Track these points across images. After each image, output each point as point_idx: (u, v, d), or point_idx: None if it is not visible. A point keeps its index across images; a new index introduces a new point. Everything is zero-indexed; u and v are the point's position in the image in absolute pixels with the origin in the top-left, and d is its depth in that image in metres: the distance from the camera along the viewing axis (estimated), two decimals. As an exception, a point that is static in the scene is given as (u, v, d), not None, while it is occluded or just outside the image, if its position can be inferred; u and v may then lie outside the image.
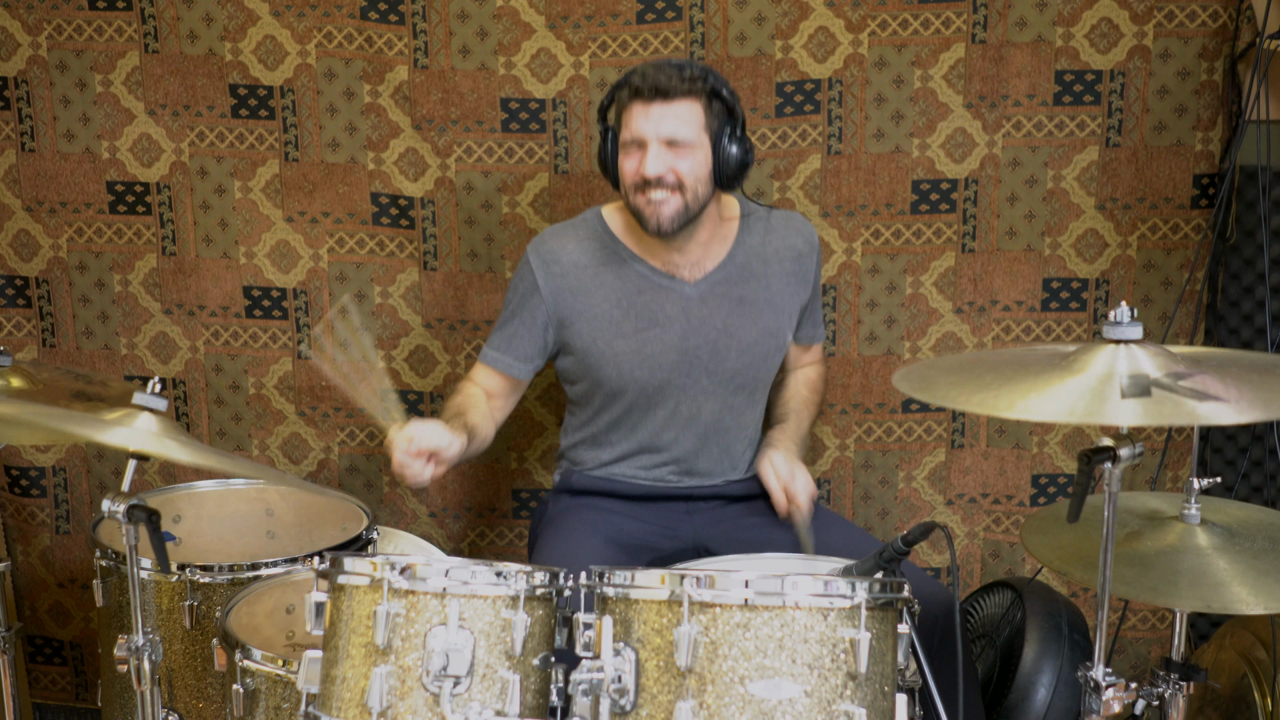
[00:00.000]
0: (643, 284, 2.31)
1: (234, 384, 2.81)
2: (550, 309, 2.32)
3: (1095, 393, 1.57)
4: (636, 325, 2.30)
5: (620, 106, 2.23)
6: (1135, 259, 2.64)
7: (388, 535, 2.55)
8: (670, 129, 2.18)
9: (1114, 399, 1.55)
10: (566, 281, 2.31)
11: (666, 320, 2.30)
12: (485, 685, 1.60)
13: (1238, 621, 2.40)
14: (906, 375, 1.77)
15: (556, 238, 2.35)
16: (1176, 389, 1.56)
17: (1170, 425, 2.64)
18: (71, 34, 2.68)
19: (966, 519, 2.76)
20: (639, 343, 2.30)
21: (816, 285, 2.45)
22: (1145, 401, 1.54)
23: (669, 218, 2.20)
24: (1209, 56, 2.53)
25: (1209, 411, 1.52)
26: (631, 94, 2.20)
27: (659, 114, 2.17)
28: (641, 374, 2.30)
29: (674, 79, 2.17)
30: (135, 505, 1.78)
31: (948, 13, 2.55)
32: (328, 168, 2.70)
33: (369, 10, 2.61)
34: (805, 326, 2.46)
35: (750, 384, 2.37)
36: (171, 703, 2.14)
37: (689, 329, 2.30)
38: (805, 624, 1.52)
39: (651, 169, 2.18)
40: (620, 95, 2.23)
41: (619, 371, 2.31)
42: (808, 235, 2.40)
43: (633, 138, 2.20)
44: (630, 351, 2.30)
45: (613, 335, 2.30)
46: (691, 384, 2.32)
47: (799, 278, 2.39)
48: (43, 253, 2.78)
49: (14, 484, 2.87)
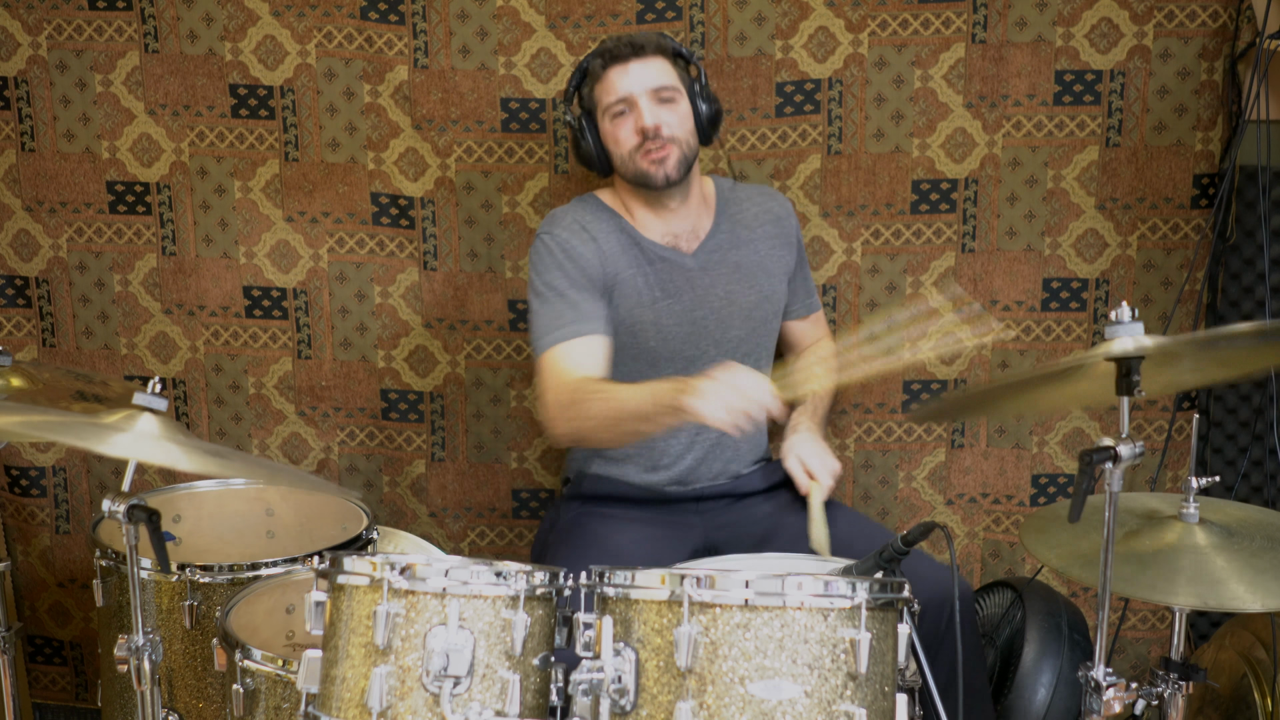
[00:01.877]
0: (651, 255, 2.33)
1: (234, 384, 2.81)
2: (595, 271, 2.28)
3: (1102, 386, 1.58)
4: (653, 296, 2.32)
5: (594, 79, 2.30)
6: (1135, 259, 2.64)
7: (388, 535, 2.55)
8: (654, 79, 2.25)
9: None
10: (601, 246, 2.31)
11: (676, 291, 2.33)
12: (485, 685, 1.60)
13: (1238, 621, 2.40)
14: (921, 412, 1.79)
15: (572, 213, 2.36)
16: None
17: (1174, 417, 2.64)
18: (71, 34, 2.67)
19: (966, 519, 2.76)
20: (655, 314, 2.32)
21: (802, 252, 2.50)
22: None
23: (674, 165, 2.26)
24: (1209, 56, 2.53)
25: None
26: (607, 60, 2.27)
27: (638, 70, 2.25)
28: (655, 344, 2.32)
29: (639, 38, 2.27)
30: (135, 505, 1.77)
31: (948, 13, 2.55)
32: (328, 168, 2.70)
33: (369, 10, 2.61)
34: (800, 296, 2.50)
35: (754, 351, 2.39)
36: (171, 703, 2.14)
37: (695, 300, 2.33)
38: (805, 624, 1.52)
39: (650, 119, 2.23)
40: (593, 67, 2.29)
41: (637, 342, 2.31)
42: (781, 200, 2.48)
43: (619, 98, 2.26)
44: (649, 323, 2.31)
45: (635, 304, 2.31)
46: (699, 354, 2.33)
47: (783, 240, 2.44)
48: (43, 253, 2.78)
49: (14, 484, 2.87)
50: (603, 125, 2.30)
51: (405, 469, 2.82)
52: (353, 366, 2.78)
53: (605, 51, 2.28)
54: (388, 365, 2.77)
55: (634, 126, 2.25)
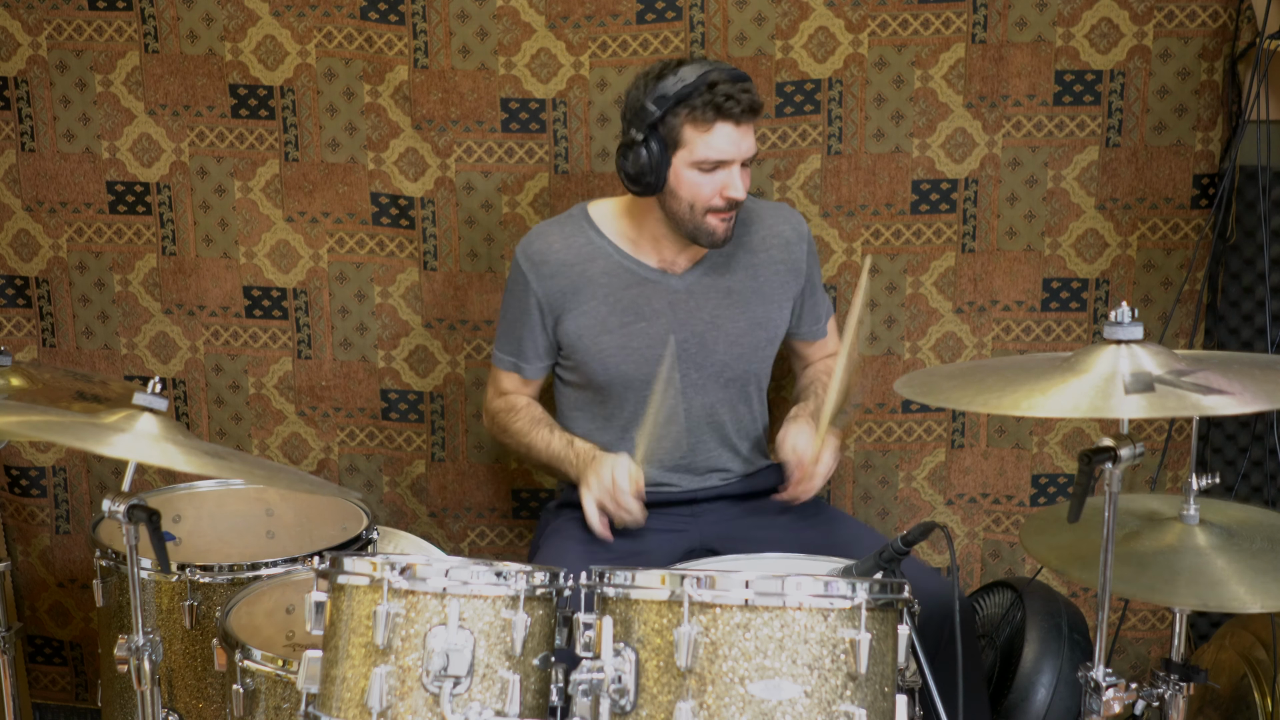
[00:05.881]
0: (629, 279, 2.31)
1: (234, 384, 2.81)
2: (546, 308, 2.33)
3: (1099, 390, 1.58)
4: (623, 320, 2.30)
5: (694, 122, 2.14)
6: (1135, 259, 2.64)
7: (388, 535, 2.55)
8: (751, 147, 2.18)
9: (1118, 395, 1.56)
10: (556, 281, 2.31)
11: (653, 314, 2.30)
12: (485, 685, 1.60)
13: (1238, 622, 2.40)
14: (909, 381, 1.79)
15: (542, 237, 2.35)
16: (1179, 384, 1.56)
17: (1174, 418, 2.64)
18: (71, 34, 2.67)
19: (966, 519, 2.76)
20: (624, 337, 2.30)
21: (814, 277, 2.44)
22: (1149, 396, 1.54)
23: (732, 228, 2.24)
24: (1209, 56, 2.53)
25: (1213, 403, 1.52)
26: (717, 113, 2.12)
27: (746, 135, 2.17)
28: (628, 368, 2.30)
29: (757, 100, 2.16)
30: (135, 505, 1.77)
31: (948, 13, 2.55)
32: (328, 168, 2.70)
33: (369, 10, 2.61)
34: (806, 321, 2.44)
35: (740, 377, 2.36)
36: (171, 703, 2.14)
37: (676, 322, 2.30)
38: (805, 624, 1.52)
39: (742, 192, 2.18)
40: (696, 113, 2.13)
41: (605, 367, 2.31)
42: (795, 224, 2.40)
43: (719, 158, 2.15)
44: (616, 347, 2.30)
45: (599, 331, 2.30)
46: (679, 378, 2.31)
47: (789, 266, 2.38)
48: (43, 253, 2.78)
49: (14, 484, 2.87)
50: (678, 164, 2.17)
51: (405, 469, 2.82)
52: (353, 366, 2.78)
53: (719, 105, 2.11)
54: (388, 365, 2.77)
55: (719, 188, 2.16)
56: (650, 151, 2.16)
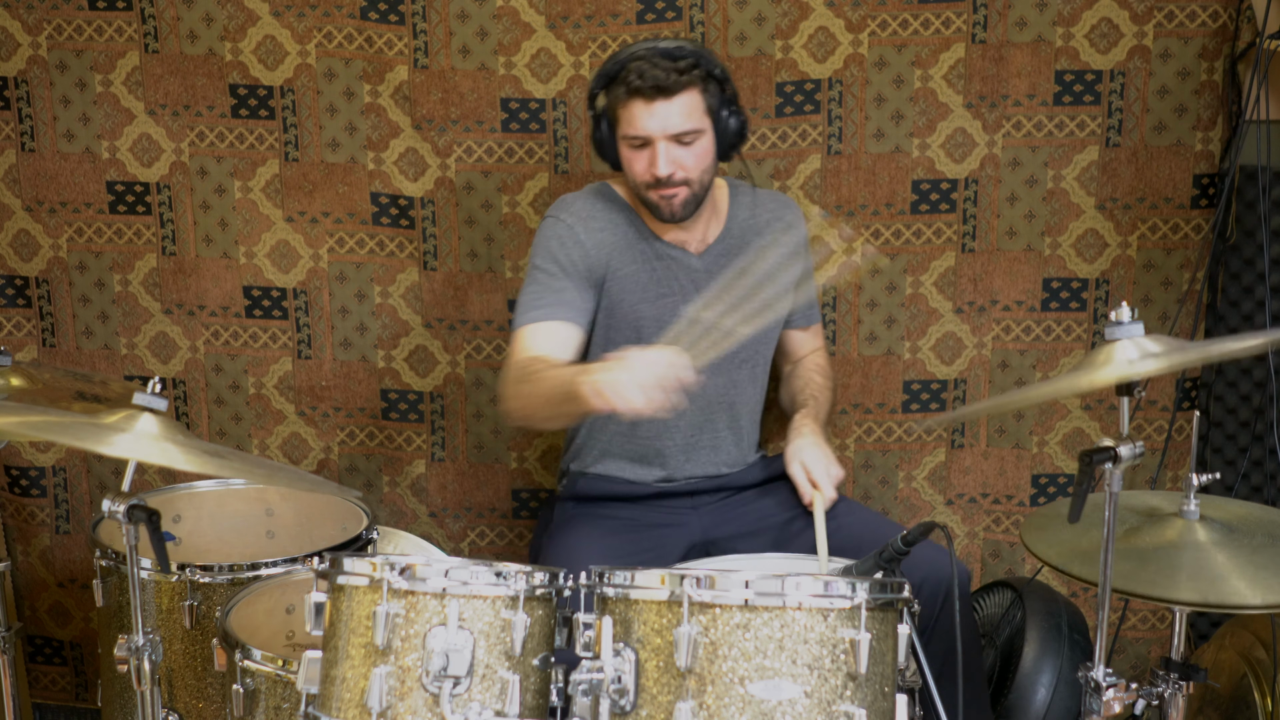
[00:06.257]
0: (659, 251, 2.31)
1: (234, 384, 2.81)
2: (594, 261, 2.27)
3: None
4: (658, 292, 2.30)
5: (616, 101, 2.20)
6: (1135, 259, 2.64)
7: (388, 535, 2.55)
8: (676, 124, 2.17)
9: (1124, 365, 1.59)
10: (604, 236, 2.29)
11: (680, 290, 2.30)
12: (485, 685, 1.60)
13: (1238, 621, 2.40)
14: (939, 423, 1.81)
15: (581, 199, 2.34)
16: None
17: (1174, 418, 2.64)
18: (71, 34, 2.67)
19: (966, 519, 2.76)
20: (659, 309, 2.29)
21: (809, 262, 2.45)
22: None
23: (680, 206, 2.22)
24: (1209, 56, 2.53)
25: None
26: (630, 92, 2.16)
27: (663, 111, 2.16)
28: (659, 340, 2.28)
29: (671, 74, 2.14)
30: (135, 505, 1.78)
31: (948, 13, 2.55)
32: (328, 168, 2.70)
33: (369, 10, 2.61)
34: (801, 306, 2.46)
35: (752, 358, 2.37)
36: (171, 703, 2.14)
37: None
38: (805, 625, 1.52)
39: (665, 168, 2.17)
40: (616, 90, 2.19)
41: (640, 337, 2.25)
42: (795, 211, 2.43)
43: (636, 135, 2.18)
44: (651, 318, 2.28)
45: (638, 299, 2.29)
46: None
47: (793, 249, 2.38)
48: (43, 253, 2.78)
49: (14, 484, 2.87)
50: (619, 142, 2.23)
51: (405, 469, 2.82)
52: (353, 366, 2.78)
53: (630, 84, 2.14)
54: (388, 365, 2.77)
55: (648, 164, 2.19)
56: (600, 130, 2.26)
